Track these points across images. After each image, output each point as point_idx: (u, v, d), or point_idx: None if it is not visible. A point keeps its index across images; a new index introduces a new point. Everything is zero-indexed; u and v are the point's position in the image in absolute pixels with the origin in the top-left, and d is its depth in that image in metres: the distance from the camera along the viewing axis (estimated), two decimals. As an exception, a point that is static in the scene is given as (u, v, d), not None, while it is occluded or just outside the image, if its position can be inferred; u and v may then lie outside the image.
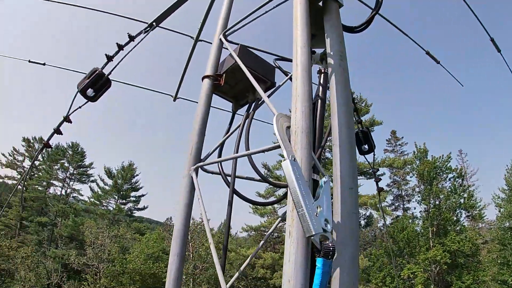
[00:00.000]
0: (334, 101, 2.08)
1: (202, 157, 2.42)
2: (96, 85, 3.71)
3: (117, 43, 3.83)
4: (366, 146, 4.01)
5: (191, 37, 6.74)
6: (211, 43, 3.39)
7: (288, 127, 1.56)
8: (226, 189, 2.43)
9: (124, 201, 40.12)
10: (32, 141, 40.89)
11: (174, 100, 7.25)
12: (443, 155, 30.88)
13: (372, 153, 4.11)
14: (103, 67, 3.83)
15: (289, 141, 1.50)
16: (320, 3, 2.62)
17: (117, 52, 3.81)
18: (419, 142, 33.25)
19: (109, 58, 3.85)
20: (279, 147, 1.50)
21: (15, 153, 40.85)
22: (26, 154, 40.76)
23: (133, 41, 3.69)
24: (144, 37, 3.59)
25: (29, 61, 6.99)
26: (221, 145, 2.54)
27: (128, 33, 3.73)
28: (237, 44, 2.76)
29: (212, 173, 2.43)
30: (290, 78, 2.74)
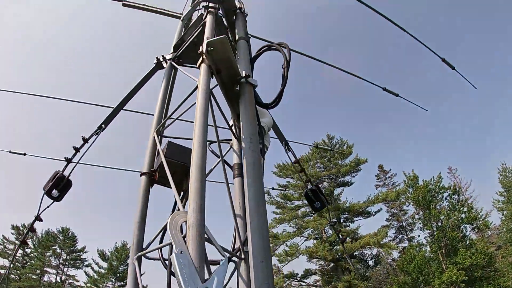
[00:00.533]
0: (245, 182, 2.40)
1: (144, 246, 2.67)
2: (59, 186, 4.05)
3: (73, 146, 4.20)
4: (318, 203, 4.31)
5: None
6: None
7: (186, 221, 1.85)
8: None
9: (122, 283, 38.35)
10: (21, 228, 39.99)
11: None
12: (433, 176, 31.32)
13: (326, 207, 4.38)
14: (63, 169, 4.17)
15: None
16: (237, 88, 3.07)
17: (74, 155, 4.17)
18: (407, 170, 33.88)
19: (68, 161, 4.21)
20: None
21: (5, 241, 39.67)
22: (17, 242, 39.49)
23: (87, 142, 4.07)
24: (96, 138, 3.98)
25: (10, 152, 7.35)
26: (163, 230, 2.78)
27: (82, 136, 4.12)
28: (173, 138, 3.16)
29: (153, 259, 2.66)
30: (222, 160, 3.08)
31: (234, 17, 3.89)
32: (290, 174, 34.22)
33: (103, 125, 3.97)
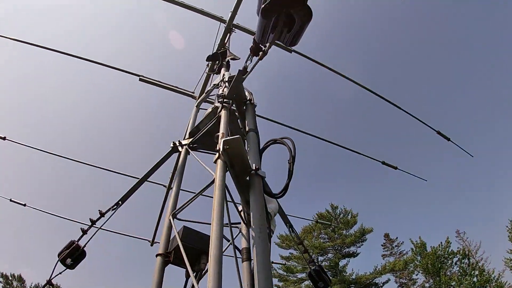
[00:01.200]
0: (255, 271, 2.61)
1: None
2: (73, 255, 4.26)
3: (90, 219, 4.47)
4: (321, 283, 4.43)
5: (164, 186, 7.58)
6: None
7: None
8: None
9: None
10: (10, 278, 38.25)
11: (152, 245, 7.66)
12: (441, 242, 30.62)
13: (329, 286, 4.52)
14: (79, 239, 4.40)
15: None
16: (247, 178, 3.39)
17: (90, 227, 4.43)
18: (414, 237, 33.21)
19: (84, 232, 4.46)
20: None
21: (-7, 290, 37.80)
22: (4, 291, 37.70)
23: (104, 216, 4.34)
24: (112, 214, 4.26)
25: (10, 200, 7.51)
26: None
27: (99, 210, 4.40)
28: (186, 221, 3.43)
29: None
30: (233, 245, 3.29)
31: (244, 107, 4.38)
32: (293, 246, 33.50)
33: (120, 202, 4.27)
